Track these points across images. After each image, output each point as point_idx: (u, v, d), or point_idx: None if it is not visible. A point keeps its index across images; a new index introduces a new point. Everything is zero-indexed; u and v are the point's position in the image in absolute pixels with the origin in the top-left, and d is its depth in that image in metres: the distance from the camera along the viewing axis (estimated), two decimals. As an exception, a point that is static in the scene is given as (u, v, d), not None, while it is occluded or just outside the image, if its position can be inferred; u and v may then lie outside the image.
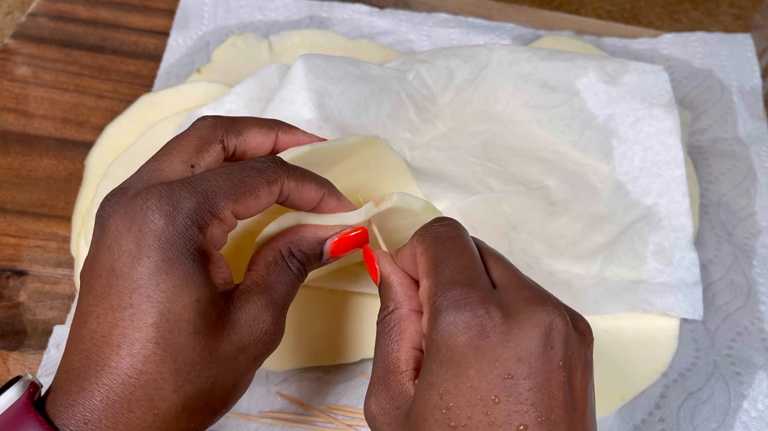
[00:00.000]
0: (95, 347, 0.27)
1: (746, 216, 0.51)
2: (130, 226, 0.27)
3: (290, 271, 0.32)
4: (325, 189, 0.33)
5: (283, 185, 0.31)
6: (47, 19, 0.60)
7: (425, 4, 0.64)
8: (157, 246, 0.27)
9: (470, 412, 0.25)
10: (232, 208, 0.29)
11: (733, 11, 0.71)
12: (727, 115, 0.57)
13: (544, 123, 0.51)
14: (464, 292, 0.27)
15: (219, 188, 0.29)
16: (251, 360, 0.30)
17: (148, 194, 0.28)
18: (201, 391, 0.28)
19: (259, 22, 0.61)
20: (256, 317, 0.29)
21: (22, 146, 0.52)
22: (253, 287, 0.30)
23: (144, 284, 0.27)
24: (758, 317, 0.46)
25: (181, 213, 0.28)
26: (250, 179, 0.30)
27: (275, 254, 0.32)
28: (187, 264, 0.27)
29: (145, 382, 0.26)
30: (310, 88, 0.43)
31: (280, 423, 0.40)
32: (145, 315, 0.26)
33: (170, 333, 0.27)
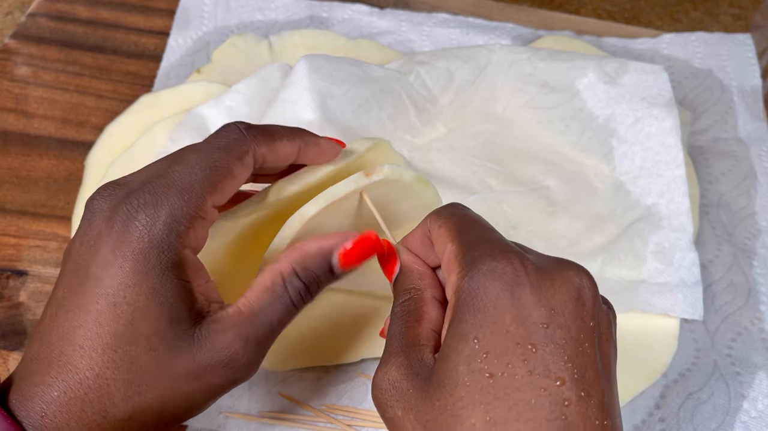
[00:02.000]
0: (60, 342, 0.28)
1: (746, 216, 0.51)
2: (111, 231, 0.28)
3: (286, 297, 0.30)
4: (299, 141, 0.32)
5: (255, 154, 0.30)
6: (47, 19, 0.60)
7: (425, 4, 0.64)
8: (132, 257, 0.27)
9: (508, 359, 0.24)
10: (212, 200, 0.29)
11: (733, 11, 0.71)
12: (727, 115, 0.57)
13: (544, 123, 0.51)
14: (494, 245, 0.27)
15: (194, 183, 0.29)
16: (208, 387, 0.29)
17: (132, 200, 0.28)
18: (150, 406, 0.28)
19: (259, 22, 0.61)
20: (222, 347, 0.29)
21: (22, 146, 0.52)
22: (233, 315, 0.29)
23: (112, 293, 0.27)
24: (758, 318, 0.46)
25: (159, 222, 0.28)
26: (221, 162, 0.29)
27: (275, 277, 0.30)
28: (156, 278, 0.28)
29: (99, 386, 0.27)
30: (313, 90, 0.44)
31: (280, 423, 0.40)
32: (109, 323, 0.27)
33: (128, 345, 0.27)
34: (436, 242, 0.29)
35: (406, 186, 0.36)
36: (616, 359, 0.27)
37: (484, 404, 0.24)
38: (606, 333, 0.27)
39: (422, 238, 0.31)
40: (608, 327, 0.27)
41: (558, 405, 0.24)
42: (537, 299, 0.25)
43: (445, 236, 0.29)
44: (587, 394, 0.24)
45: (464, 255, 0.27)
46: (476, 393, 0.24)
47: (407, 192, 0.37)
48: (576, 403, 0.24)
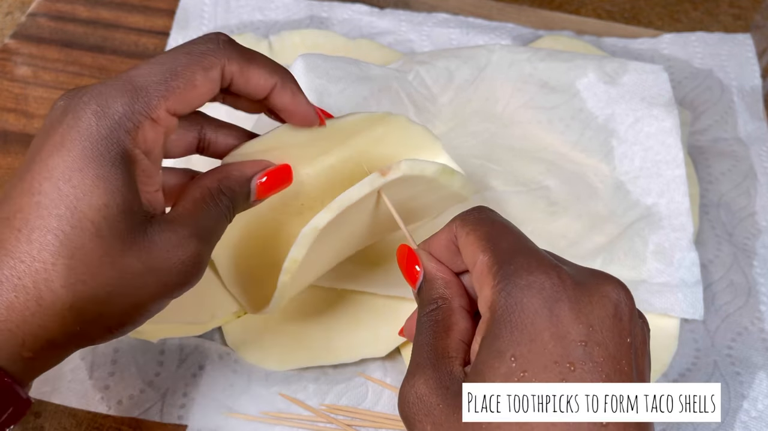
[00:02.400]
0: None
1: (746, 216, 0.51)
2: (63, 119, 0.28)
3: (218, 208, 0.31)
4: (277, 77, 0.31)
5: (224, 68, 0.30)
6: (47, 19, 0.60)
7: (425, 4, 0.64)
8: (79, 142, 0.27)
9: (546, 378, 0.24)
10: (166, 106, 0.29)
11: (733, 11, 0.71)
12: (727, 115, 0.57)
13: (544, 123, 0.51)
14: (530, 258, 0.26)
15: (150, 84, 0.28)
16: (160, 286, 0.29)
17: (86, 93, 0.28)
18: (94, 297, 0.27)
19: (259, 22, 0.61)
20: (177, 244, 0.29)
21: (22, 146, 0.52)
22: (178, 218, 0.30)
23: (57, 176, 0.27)
24: (758, 318, 0.46)
25: (108, 114, 0.28)
26: (183, 68, 0.29)
27: (203, 191, 0.31)
28: (104, 166, 0.27)
29: (36, 270, 0.26)
30: (309, 87, 0.44)
31: (280, 423, 0.40)
32: (51, 206, 0.26)
33: (72, 228, 0.26)
34: (465, 249, 0.28)
35: (429, 180, 0.34)
36: (650, 372, 0.27)
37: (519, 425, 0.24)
38: (641, 348, 0.26)
39: (447, 243, 0.30)
40: (643, 341, 0.26)
41: (596, 426, 0.23)
42: (575, 316, 0.24)
43: (474, 245, 0.27)
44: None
45: (499, 268, 0.26)
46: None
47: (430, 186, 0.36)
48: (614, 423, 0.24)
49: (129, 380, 0.41)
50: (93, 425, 0.40)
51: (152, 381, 0.41)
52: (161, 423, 0.40)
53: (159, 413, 0.40)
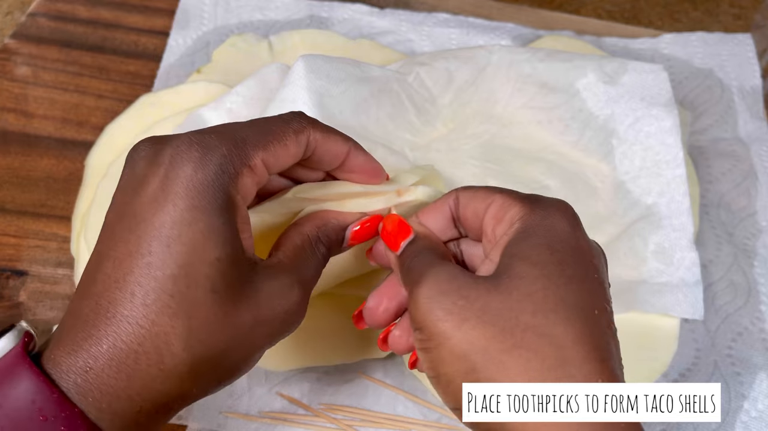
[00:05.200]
0: (107, 292, 0.25)
1: (746, 216, 0.51)
2: (158, 170, 0.26)
3: (316, 256, 0.31)
4: (351, 144, 0.32)
5: (310, 135, 0.30)
6: (47, 19, 0.60)
7: (425, 4, 0.64)
8: (184, 194, 0.26)
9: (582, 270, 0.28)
10: (262, 156, 0.28)
11: (733, 11, 0.71)
12: (727, 115, 0.57)
13: (544, 124, 0.51)
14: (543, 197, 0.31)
15: (248, 136, 0.28)
16: (266, 336, 0.28)
17: (179, 140, 0.27)
18: (211, 356, 0.26)
19: (259, 22, 0.61)
20: (281, 293, 0.28)
21: (22, 146, 0.52)
22: (280, 265, 0.29)
23: (166, 234, 0.25)
24: (758, 318, 0.46)
25: (212, 159, 0.26)
26: (277, 128, 0.29)
27: (303, 238, 0.31)
28: (213, 216, 0.26)
29: (156, 334, 0.25)
30: (310, 89, 0.43)
31: (280, 423, 0.40)
32: (164, 265, 0.25)
33: (187, 287, 0.25)
34: (472, 201, 0.31)
35: None
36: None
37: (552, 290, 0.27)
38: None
39: (442, 211, 0.33)
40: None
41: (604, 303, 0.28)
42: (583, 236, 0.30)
43: (485, 194, 0.31)
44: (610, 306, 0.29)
45: (521, 198, 0.30)
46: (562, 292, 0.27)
47: None
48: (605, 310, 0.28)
49: (129, 380, 0.41)
50: (93, 425, 0.40)
51: (152, 381, 0.41)
52: (161, 423, 0.40)
53: (159, 413, 0.40)
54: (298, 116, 0.31)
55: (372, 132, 0.47)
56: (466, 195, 0.32)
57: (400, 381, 0.43)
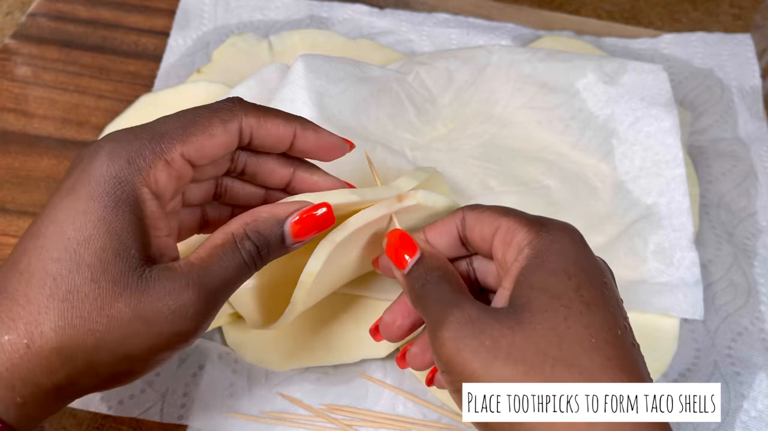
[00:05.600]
0: (4, 268, 0.27)
1: (746, 216, 0.51)
2: (79, 164, 0.28)
3: (238, 255, 0.29)
4: (296, 123, 0.31)
5: (242, 121, 0.30)
6: (47, 19, 0.60)
7: (425, 4, 0.64)
8: (87, 184, 0.27)
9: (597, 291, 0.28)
10: (182, 150, 0.29)
11: (733, 11, 0.70)
12: (727, 115, 0.57)
13: (544, 124, 0.51)
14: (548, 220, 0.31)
15: (168, 129, 0.29)
16: (152, 336, 0.27)
17: (105, 138, 0.29)
18: (83, 343, 0.26)
19: (259, 22, 0.61)
20: (169, 293, 0.27)
21: (22, 146, 0.52)
22: (183, 266, 0.28)
23: (61, 219, 0.27)
24: (758, 318, 0.46)
25: (121, 154, 0.28)
26: (201, 119, 0.29)
27: (225, 237, 0.30)
28: (108, 209, 0.27)
29: (28, 312, 0.26)
30: (310, 88, 0.43)
31: (280, 423, 0.40)
32: (53, 248, 0.26)
33: (69, 272, 0.26)
34: (480, 223, 0.31)
35: (438, 214, 0.35)
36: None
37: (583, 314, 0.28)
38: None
39: (448, 229, 0.33)
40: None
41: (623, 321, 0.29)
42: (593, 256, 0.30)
43: (492, 218, 0.31)
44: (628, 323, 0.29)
45: (527, 222, 0.30)
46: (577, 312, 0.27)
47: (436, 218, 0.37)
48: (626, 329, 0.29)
49: (129, 380, 0.41)
50: (93, 425, 0.40)
51: (152, 381, 0.41)
52: (161, 423, 0.40)
53: (159, 413, 0.40)
54: (229, 102, 0.30)
55: (372, 132, 0.47)
56: (472, 217, 0.32)
57: (400, 381, 0.43)
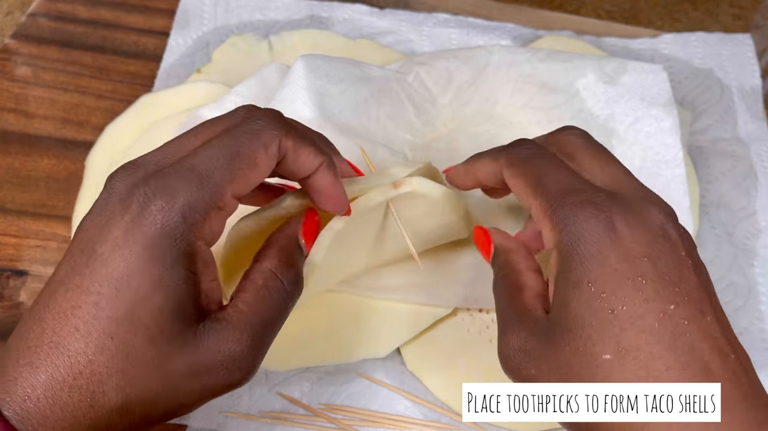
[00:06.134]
0: (54, 322, 0.26)
1: (746, 216, 0.51)
2: (124, 213, 0.27)
3: (282, 290, 0.30)
4: (325, 158, 0.31)
5: (281, 144, 0.29)
6: (47, 19, 0.60)
7: (425, 4, 0.64)
8: (141, 241, 0.26)
9: (624, 293, 0.26)
10: (231, 190, 0.28)
11: (733, 11, 0.71)
12: (727, 115, 0.57)
13: (544, 124, 0.51)
14: (579, 195, 0.28)
15: (215, 170, 0.28)
16: (204, 387, 0.28)
17: (150, 183, 0.27)
18: (142, 400, 0.27)
19: (259, 22, 0.61)
20: (224, 347, 0.28)
21: (22, 146, 0.52)
22: (235, 316, 0.29)
23: (116, 277, 0.26)
24: (758, 318, 0.46)
25: (175, 209, 0.27)
26: (245, 148, 0.28)
27: (266, 275, 0.30)
28: (164, 268, 0.27)
29: (91, 372, 0.26)
30: (310, 88, 0.43)
31: (280, 423, 0.40)
32: (110, 308, 0.26)
33: (127, 333, 0.26)
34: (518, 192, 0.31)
35: (434, 203, 0.35)
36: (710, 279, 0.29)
37: (613, 336, 0.26)
38: (697, 260, 0.28)
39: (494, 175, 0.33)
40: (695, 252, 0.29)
41: (679, 325, 0.26)
42: (632, 237, 0.27)
43: (524, 191, 0.30)
44: (701, 312, 0.26)
45: (553, 211, 0.29)
46: (604, 329, 0.26)
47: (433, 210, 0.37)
48: (693, 321, 0.26)
49: (129, 380, 0.41)
50: (93, 425, 0.40)
51: (152, 381, 0.41)
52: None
53: (159, 413, 0.40)
54: (270, 123, 0.29)
55: (372, 132, 0.47)
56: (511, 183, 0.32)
57: (400, 381, 0.43)
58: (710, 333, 0.26)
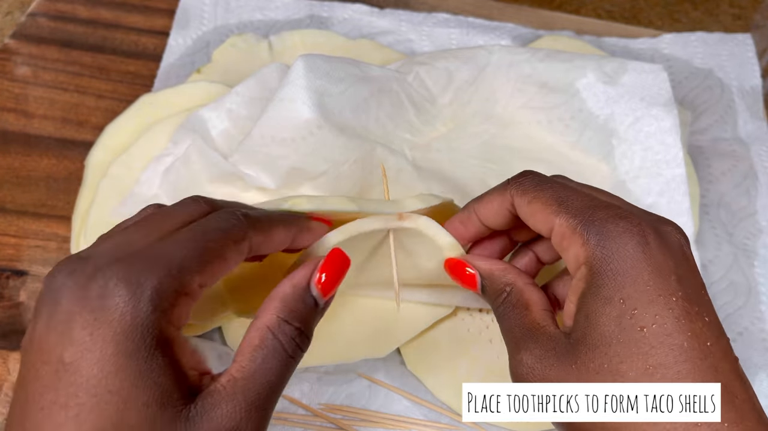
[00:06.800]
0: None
1: (746, 216, 0.51)
2: (82, 312, 0.25)
3: (280, 349, 0.28)
4: (295, 228, 0.31)
5: (251, 241, 0.29)
6: (47, 19, 0.60)
7: (425, 4, 0.64)
8: (112, 338, 0.24)
9: (655, 311, 0.26)
10: (199, 280, 0.27)
11: (733, 11, 0.71)
12: (727, 115, 0.57)
13: (544, 124, 0.51)
14: (609, 211, 0.28)
15: (183, 259, 0.26)
16: None
17: (107, 275, 0.25)
18: None
19: (259, 22, 0.61)
20: (222, 422, 0.26)
21: (22, 146, 0.52)
22: (228, 385, 0.27)
23: (93, 384, 0.24)
24: (758, 318, 0.46)
25: (142, 299, 0.25)
26: (214, 243, 0.27)
27: (261, 334, 0.28)
28: (141, 360, 0.25)
29: None
30: (310, 88, 0.43)
31: (280, 423, 0.40)
32: (92, 419, 0.24)
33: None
34: (532, 217, 0.31)
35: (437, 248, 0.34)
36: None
37: (641, 354, 0.26)
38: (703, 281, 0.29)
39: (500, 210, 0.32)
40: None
41: (704, 345, 0.26)
42: (662, 254, 0.27)
43: (544, 211, 0.30)
44: (720, 333, 0.27)
45: (583, 227, 0.28)
46: (633, 346, 0.26)
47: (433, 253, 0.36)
48: (715, 342, 0.26)
49: (129, 380, 0.41)
50: (93, 425, 0.40)
51: (152, 381, 0.41)
52: (161, 423, 0.40)
53: (159, 413, 0.40)
54: (237, 220, 0.29)
55: (372, 132, 0.47)
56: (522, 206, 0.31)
57: (400, 381, 0.43)
58: (729, 355, 0.27)
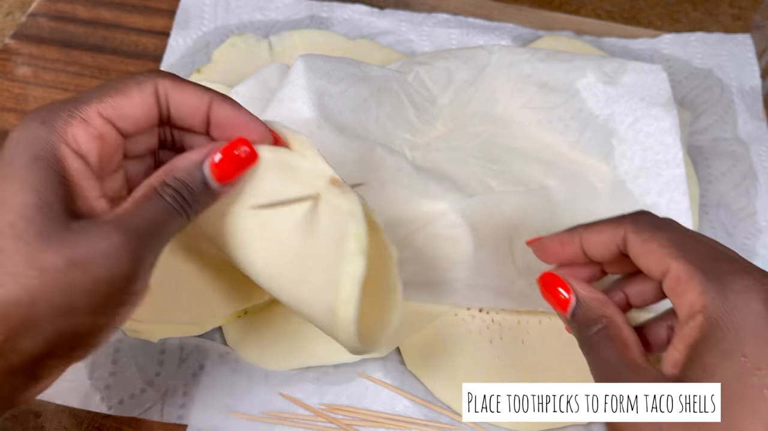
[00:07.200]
0: None
1: (746, 216, 0.51)
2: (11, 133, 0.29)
3: (161, 199, 0.30)
4: (211, 95, 0.31)
5: (158, 84, 0.30)
6: (47, 19, 0.60)
7: (425, 4, 0.64)
8: (8, 149, 0.28)
9: None
10: (98, 108, 0.29)
11: (733, 11, 0.71)
12: (727, 115, 0.57)
13: (544, 124, 0.51)
14: (733, 264, 0.28)
15: (86, 93, 0.30)
16: (91, 282, 0.27)
17: (29, 116, 0.29)
18: (15, 300, 0.26)
19: (259, 22, 0.61)
20: (100, 237, 0.27)
21: (22, 146, 0.52)
22: (110, 215, 0.29)
23: None
24: (758, 317, 0.46)
25: (36, 117, 0.29)
26: (118, 83, 0.30)
27: (147, 188, 0.30)
28: (22, 167, 0.28)
29: None
30: (310, 88, 0.43)
31: (280, 423, 0.40)
32: None
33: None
34: (646, 257, 0.30)
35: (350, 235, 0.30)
36: None
37: (764, 415, 0.25)
38: None
39: (609, 244, 0.32)
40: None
41: None
42: None
43: (661, 253, 0.29)
44: None
45: (703, 275, 0.27)
46: (757, 406, 0.25)
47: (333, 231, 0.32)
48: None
49: (129, 379, 0.41)
50: (93, 425, 0.40)
51: (152, 381, 0.41)
52: (162, 423, 0.40)
53: (159, 413, 0.40)
54: (148, 71, 0.31)
55: (371, 132, 0.47)
56: (636, 244, 0.30)
57: (400, 381, 0.43)
58: None
